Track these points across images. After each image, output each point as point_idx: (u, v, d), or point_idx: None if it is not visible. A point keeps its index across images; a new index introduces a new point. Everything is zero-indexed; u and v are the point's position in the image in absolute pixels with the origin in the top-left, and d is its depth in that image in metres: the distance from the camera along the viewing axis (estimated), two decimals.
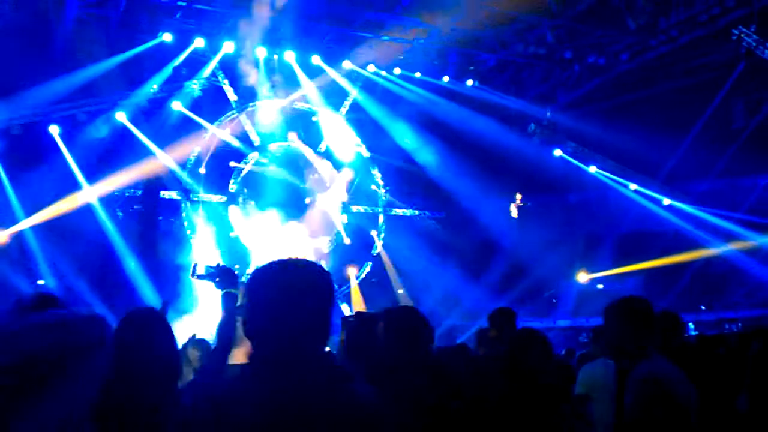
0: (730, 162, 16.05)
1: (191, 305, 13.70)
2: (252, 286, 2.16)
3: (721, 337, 7.26)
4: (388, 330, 3.87)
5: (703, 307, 17.24)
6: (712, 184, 16.97)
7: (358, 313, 4.42)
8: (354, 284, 17.63)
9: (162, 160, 15.38)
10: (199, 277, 3.80)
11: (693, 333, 12.75)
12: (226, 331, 3.63)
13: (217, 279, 3.73)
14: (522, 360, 4.18)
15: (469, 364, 5.27)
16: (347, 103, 17.38)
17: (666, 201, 17.48)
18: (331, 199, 17.25)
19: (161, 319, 3.22)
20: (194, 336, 5.63)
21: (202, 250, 15.64)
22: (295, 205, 17.12)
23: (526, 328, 4.67)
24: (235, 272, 3.84)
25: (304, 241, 16.84)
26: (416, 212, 19.29)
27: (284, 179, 17.08)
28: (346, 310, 16.55)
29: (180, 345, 5.65)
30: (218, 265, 3.81)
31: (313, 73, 16.47)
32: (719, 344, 6.47)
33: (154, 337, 3.08)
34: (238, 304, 3.60)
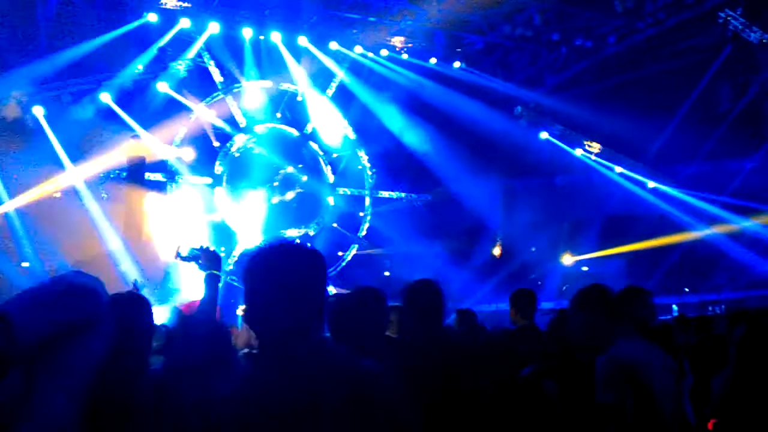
0: (715, 145, 16.11)
1: (175, 287, 13.71)
2: (248, 270, 2.14)
3: (702, 319, 7.30)
4: (409, 306, 3.89)
5: (687, 290, 17.36)
6: (697, 167, 17.02)
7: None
8: None
9: (147, 141, 15.30)
10: (183, 258, 3.81)
11: (676, 314, 12.84)
12: (207, 311, 3.68)
13: (200, 260, 3.75)
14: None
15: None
16: (334, 85, 17.32)
17: (651, 184, 17.55)
18: None
19: (142, 300, 3.27)
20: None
21: (187, 231, 15.61)
22: (280, 186, 17.10)
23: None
24: (219, 254, 3.85)
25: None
26: (403, 195, 19.29)
27: (270, 161, 17.03)
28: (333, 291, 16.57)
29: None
30: (202, 246, 3.83)
31: (299, 54, 16.40)
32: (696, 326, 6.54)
33: (133, 317, 3.13)
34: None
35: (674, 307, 15.60)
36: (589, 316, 4.01)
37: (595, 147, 17.83)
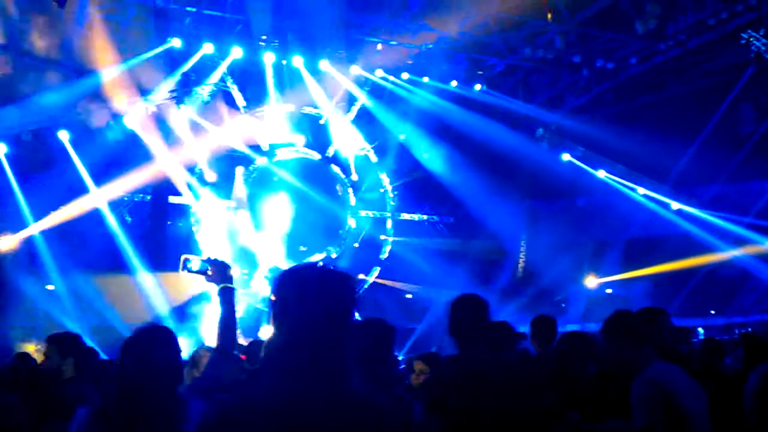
0: (739, 166, 15.99)
1: (200, 310, 13.75)
2: (281, 290, 2.13)
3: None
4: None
5: (713, 312, 17.17)
6: (720, 189, 16.90)
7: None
8: None
9: (170, 165, 15.42)
10: (192, 271, 3.72)
11: (702, 338, 12.69)
12: (227, 329, 3.65)
13: (209, 272, 3.68)
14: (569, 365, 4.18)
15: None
16: (355, 108, 17.39)
17: (675, 205, 17.41)
18: None
19: (166, 332, 3.30)
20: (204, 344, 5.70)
21: (211, 254, 15.64)
22: (304, 209, 17.13)
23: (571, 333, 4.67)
24: (229, 266, 3.76)
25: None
26: (424, 217, 19.28)
27: (292, 185, 17.09)
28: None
29: (192, 349, 5.71)
30: (209, 258, 3.76)
31: (321, 78, 16.49)
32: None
33: (158, 349, 3.19)
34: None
35: (700, 330, 15.43)
36: (618, 343, 3.99)
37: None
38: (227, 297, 3.66)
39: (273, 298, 2.12)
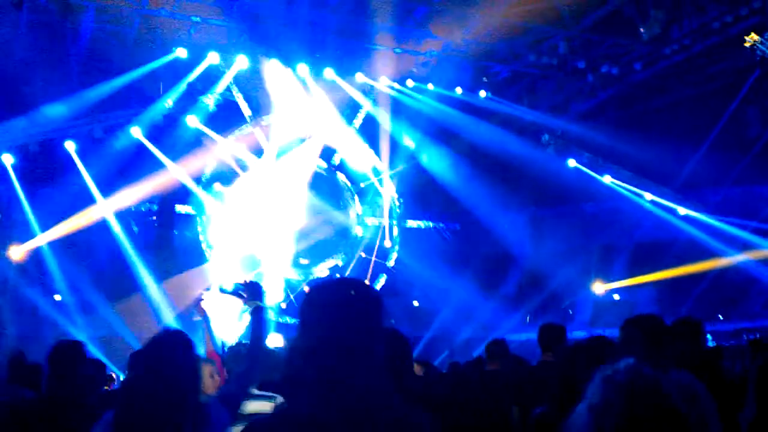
0: (745, 170, 15.94)
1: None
2: (305, 307, 2.17)
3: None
4: None
5: (720, 317, 17.08)
6: (727, 193, 16.84)
7: None
8: None
9: (177, 174, 15.46)
10: (227, 292, 3.87)
11: (710, 344, 12.63)
12: (257, 345, 3.81)
13: (244, 294, 3.82)
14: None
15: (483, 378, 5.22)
16: (360, 116, 17.40)
17: (681, 210, 17.37)
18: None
19: (184, 337, 3.29)
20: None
21: (218, 263, 15.70)
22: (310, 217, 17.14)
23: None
24: (261, 286, 3.91)
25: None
26: (430, 224, 19.28)
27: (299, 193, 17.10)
28: None
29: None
30: (245, 281, 3.90)
31: (326, 86, 16.51)
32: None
33: (174, 354, 3.17)
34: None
35: (707, 336, 15.32)
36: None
37: None
38: (258, 316, 3.83)
39: (300, 313, 2.16)
